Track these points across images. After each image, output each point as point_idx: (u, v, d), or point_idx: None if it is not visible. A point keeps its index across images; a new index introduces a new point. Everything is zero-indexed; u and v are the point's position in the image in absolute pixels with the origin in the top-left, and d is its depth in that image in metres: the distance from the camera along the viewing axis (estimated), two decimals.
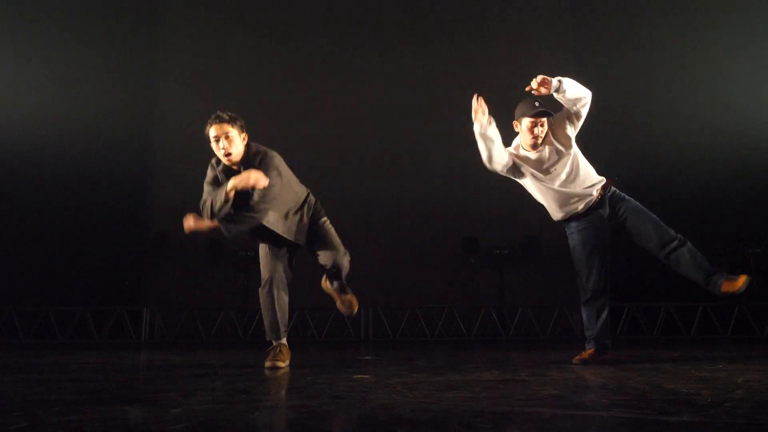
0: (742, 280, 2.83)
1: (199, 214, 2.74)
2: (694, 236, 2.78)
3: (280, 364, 2.74)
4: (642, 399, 1.66)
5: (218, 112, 2.65)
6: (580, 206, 2.82)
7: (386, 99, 6.59)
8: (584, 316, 2.91)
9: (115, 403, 1.63)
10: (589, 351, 2.85)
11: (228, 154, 2.62)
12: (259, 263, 2.98)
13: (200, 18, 6.84)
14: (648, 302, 5.60)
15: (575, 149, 2.86)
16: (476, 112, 2.67)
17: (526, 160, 2.84)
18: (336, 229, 3.13)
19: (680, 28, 6.18)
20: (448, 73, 6.62)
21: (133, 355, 3.89)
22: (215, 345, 4.89)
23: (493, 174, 2.90)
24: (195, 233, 2.77)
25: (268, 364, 2.72)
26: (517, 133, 2.90)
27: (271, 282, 2.85)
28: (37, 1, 6.13)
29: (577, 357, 2.84)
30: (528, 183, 2.91)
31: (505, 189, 5.99)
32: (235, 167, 2.67)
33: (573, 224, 2.87)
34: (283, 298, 2.88)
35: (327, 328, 5.72)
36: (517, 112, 2.83)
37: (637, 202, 2.86)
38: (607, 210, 2.84)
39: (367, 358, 3.55)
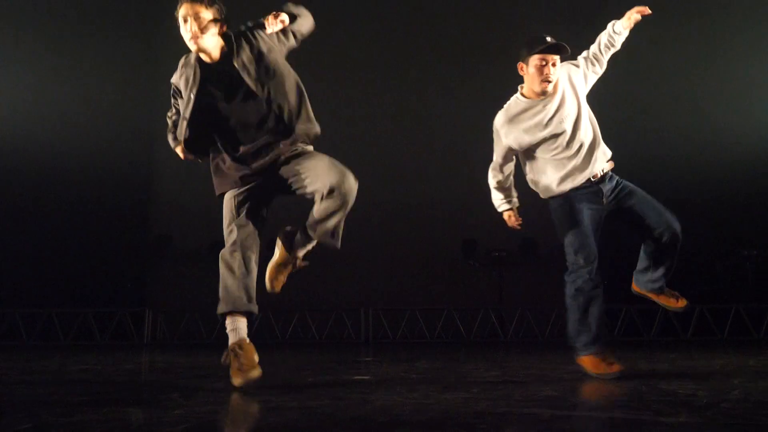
0: (681, 304, 2.45)
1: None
2: (691, 238, 2.70)
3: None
4: (639, 400, 1.67)
5: None
6: (581, 178, 2.32)
7: (387, 101, 6.60)
8: (579, 308, 2.28)
9: (117, 405, 1.64)
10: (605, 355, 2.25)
11: (195, 38, 2.04)
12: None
13: None
14: (645, 304, 5.60)
15: (587, 107, 2.41)
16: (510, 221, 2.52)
17: (526, 122, 2.34)
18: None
19: (678, 27, 6.17)
20: (449, 75, 6.64)
21: (136, 356, 3.91)
22: (217, 346, 4.90)
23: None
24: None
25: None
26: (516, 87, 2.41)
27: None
28: (41, 1, 6.16)
29: (609, 368, 2.21)
30: (523, 152, 2.42)
31: None
32: (209, 60, 2.09)
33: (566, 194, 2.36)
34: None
35: (328, 329, 5.74)
36: (523, 50, 2.31)
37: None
38: (608, 185, 2.36)
39: (367, 359, 3.56)
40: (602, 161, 2.40)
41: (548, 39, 2.27)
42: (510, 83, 2.33)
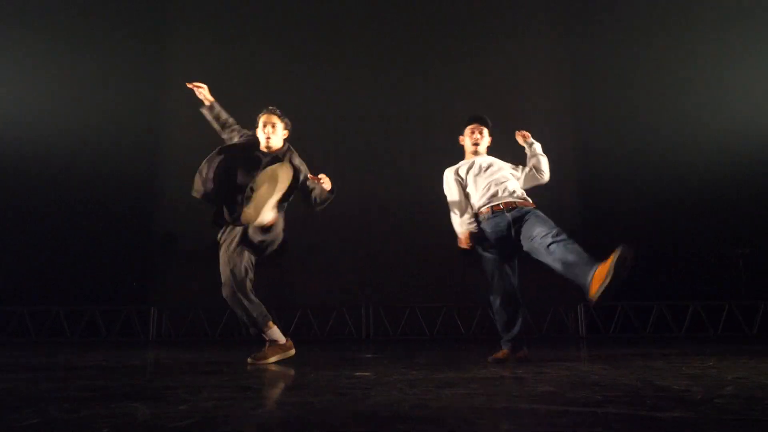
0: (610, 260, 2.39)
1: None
2: (684, 237, 2.73)
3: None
4: (634, 395, 1.69)
5: (271, 107, 3.14)
6: (501, 193, 3.09)
7: (389, 100, 6.63)
8: (502, 317, 3.14)
9: (123, 400, 1.67)
10: (504, 351, 3.05)
11: (268, 138, 3.06)
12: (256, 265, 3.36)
13: (207, 21, 6.89)
14: (640, 301, 5.63)
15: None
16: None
17: (467, 172, 3.31)
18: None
19: (672, 26, 6.15)
20: (449, 75, 6.65)
21: (141, 353, 3.95)
22: (221, 343, 4.96)
23: None
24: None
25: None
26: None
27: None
28: (47, 5, 6.20)
29: (493, 356, 3.00)
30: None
31: None
32: (264, 151, 3.08)
33: (486, 229, 3.16)
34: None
35: (329, 326, 5.77)
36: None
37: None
38: (510, 217, 3.04)
39: (368, 355, 3.59)
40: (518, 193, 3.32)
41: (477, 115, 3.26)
42: (508, 85, 2.37)
